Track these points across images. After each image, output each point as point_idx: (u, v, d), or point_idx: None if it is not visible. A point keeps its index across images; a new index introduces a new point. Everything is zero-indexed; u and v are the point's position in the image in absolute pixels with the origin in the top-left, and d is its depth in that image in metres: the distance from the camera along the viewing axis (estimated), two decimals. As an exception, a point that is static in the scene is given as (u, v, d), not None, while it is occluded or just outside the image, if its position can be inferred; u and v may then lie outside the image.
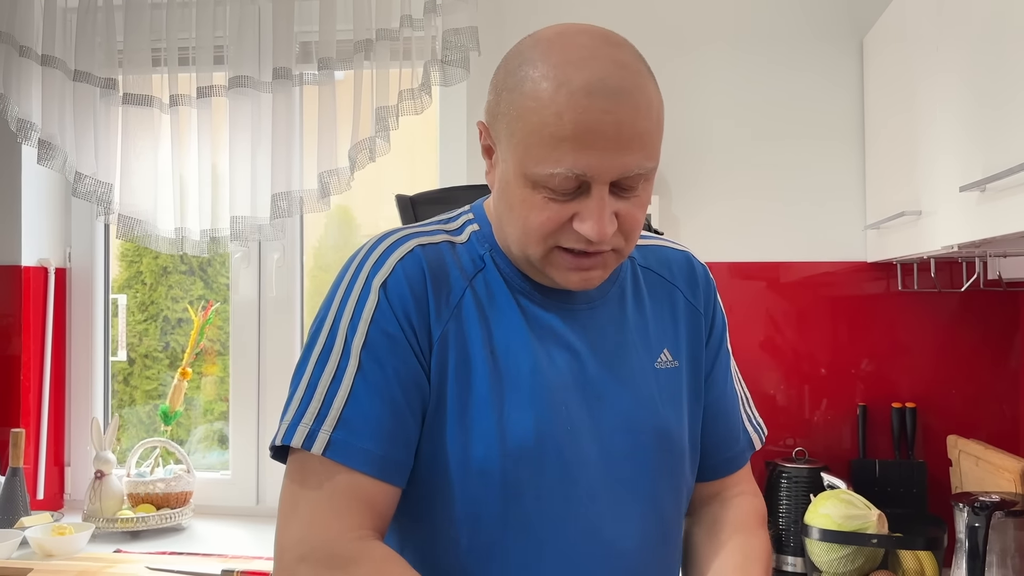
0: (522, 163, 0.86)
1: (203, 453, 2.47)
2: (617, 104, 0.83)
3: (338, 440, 0.86)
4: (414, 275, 0.91)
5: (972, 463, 1.76)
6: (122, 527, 2.11)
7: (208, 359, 2.48)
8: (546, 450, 0.91)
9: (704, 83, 2.09)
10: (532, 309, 0.95)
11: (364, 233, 2.51)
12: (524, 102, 0.85)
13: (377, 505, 0.87)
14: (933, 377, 1.99)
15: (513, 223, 0.91)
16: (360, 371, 0.88)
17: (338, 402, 0.87)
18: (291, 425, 0.88)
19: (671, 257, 1.08)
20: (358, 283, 0.92)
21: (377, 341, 0.89)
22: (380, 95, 2.08)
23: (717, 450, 1.08)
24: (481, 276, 0.95)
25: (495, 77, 0.92)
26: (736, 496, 1.09)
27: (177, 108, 2.18)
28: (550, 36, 0.89)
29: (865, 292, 2.03)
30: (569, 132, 0.83)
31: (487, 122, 0.93)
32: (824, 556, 1.64)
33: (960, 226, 1.37)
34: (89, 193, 2.17)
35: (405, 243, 0.94)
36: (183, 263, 2.49)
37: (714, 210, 2.08)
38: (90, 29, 2.18)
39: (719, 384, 1.08)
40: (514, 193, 0.89)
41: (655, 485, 0.97)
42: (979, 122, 1.28)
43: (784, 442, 2.02)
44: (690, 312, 1.06)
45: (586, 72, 0.83)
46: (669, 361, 1.02)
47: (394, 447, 0.88)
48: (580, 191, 0.86)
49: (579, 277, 0.91)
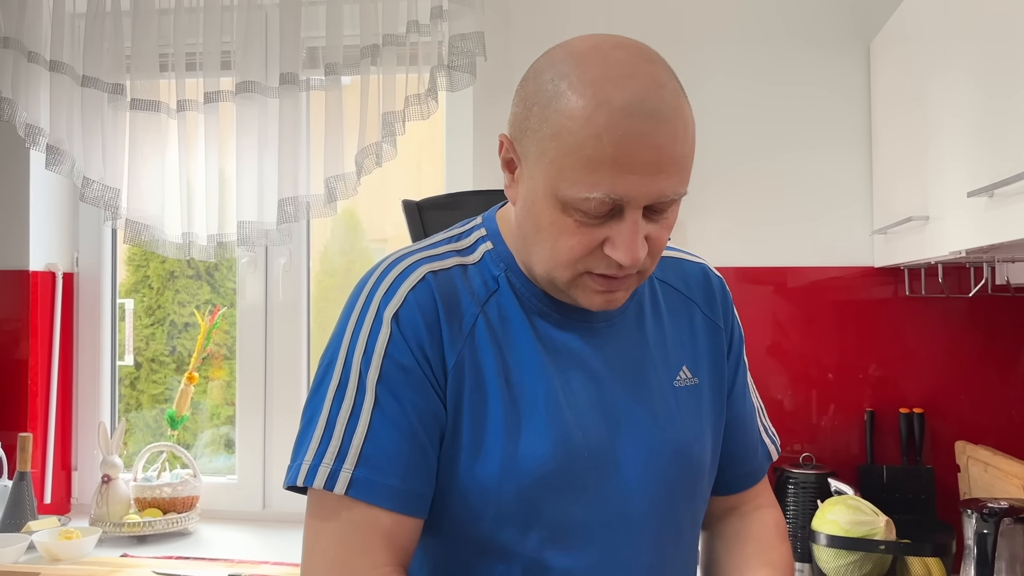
0: (554, 184, 0.83)
1: (210, 457, 2.47)
2: (656, 127, 0.80)
3: (360, 478, 0.85)
4: (426, 304, 0.89)
5: (980, 469, 1.75)
6: (129, 531, 2.11)
7: (215, 363, 2.49)
8: (563, 477, 0.89)
9: (711, 88, 2.09)
10: (548, 331, 0.93)
11: (371, 238, 2.51)
12: (559, 119, 0.81)
13: (400, 539, 0.87)
14: (941, 382, 1.98)
15: (540, 245, 0.88)
16: (377, 406, 0.87)
17: (357, 439, 0.86)
18: (312, 466, 0.86)
19: (688, 270, 1.07)
20: (369, 314, 0.90)
21: (392, 374, 0.87)
22: (387, 100, 2.08)
23: (738, 464, 1.07)
24: (494, 300, 0.93)
25: (523, 88, 0.88)
26: (756, 510, 1.08)
27: (184, 113, 2.18)
28: (584, 49, 0.84)
29: (872, 297, 2.02)
30: (608, 155, 0.79)
31: (512, 136, 0.89)
32: (831, 562, 1.64)
33: (968, 232, 1.36)
34: (97, 198, 2.18)
35: (416, 270, 0.92)
36: (190, 267, 2.50)
37: (721, 215, 2.08)
38: (98, 35, 2.19)
39: (739, 398, 1.07)
40: (542, 214, 0.86)
41: (675, 506, 0.96)
42: (987, 127, 1.28)
43: (791, 448, 2.02)
44: (709, 328, 1.04)
45: (626, 92, 0.80)
46: (689, 378, 1.00)
47: (416, 480, 0.87)
48: (612, 215, 0.83)
49: (603, 299, 0.89)
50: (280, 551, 2.01)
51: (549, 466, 0.89)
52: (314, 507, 0.88)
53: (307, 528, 0.88)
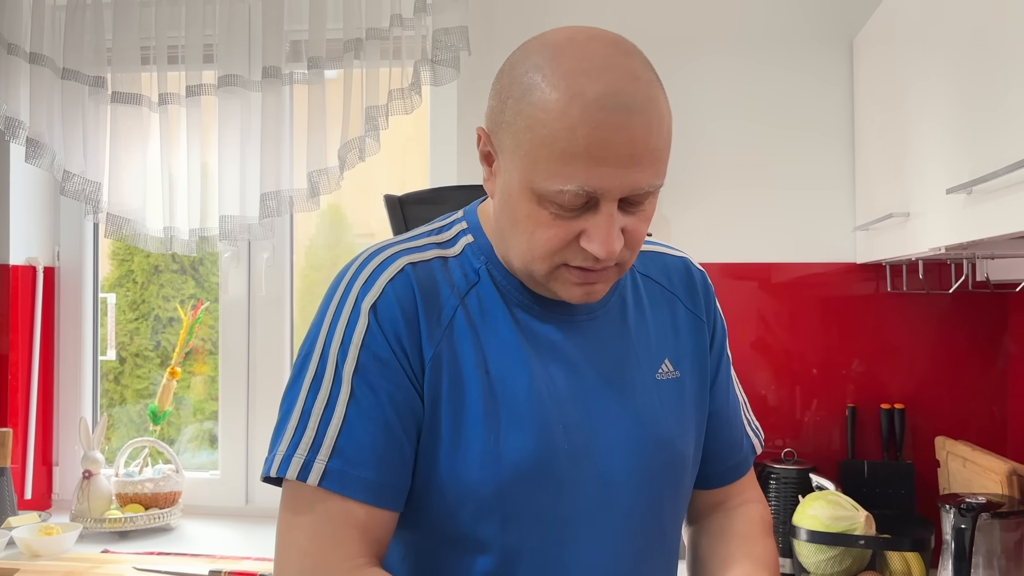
0: (529, 177, 0.83)
1: (193, 453, 2.46)
2: (631, 119, 0.80)
3: (333, 470, 0.85)
4: (404, 296, 0.89)
5: (959, 464, 1.76)
6: (110, 527, 2.10)
7: (198, 358, 2.48)
8: (544, 471, 0.89)
9: (694, 84, 2.09)
10: (529, 323, 0.93)
11: (355, 233, 2.50)
12: (533, 112, 0.81)
13: (374, 531, 0.86)
14: (921, 378, 1.99)
15: (517, 238, 0.88)
16: (353, 398, 0.86)
17: (332, 430, 0.85)
18: (286, 456, 0.86)
19: (670, 264, 1.07)
20: (347, 305, 0.90)
21: (369, 366, 0.87)
22: (370, 94, 2.07)
23: (722, 458, 1.07)
24: (474, 292, 0.93)
25: (498, 82, 0.88)
26: (741, 505, 1.08)
27: (166, 107, 2.17)
28: (559, 41, 0.84)
29: (855, 293, 2.03)
30: (582, 148, 0.79)
31: (488, 129, 0.89)
32: (812, 557, 1.65)
33: (947, 228, 1.37)
34: (77, 192, 2.16)
35: (395, 262, 0.91)
36: (174, 262, 2.49)
37: (704, 211, 2.08)
38: (78, 27, 2.17)
39: (722, 391, 1.07)
40: (518, 207, 0.86)
41: (658, 500, 0.96)
42: (966, 124, 1.29)
43: (774, 443, 2.02)
44: (692, 321, 1.04)
45: (600, 84, 0.80)
46: (671, 372, 1.00)
47: (390, 473, 0.87)
48: (588, 207, 0.83)
49: (583, 291, 0.89)
50: (263, 546, 2.00)
51: (530, 459, 0.88)
52: (288, 499, 0.88)
53: (281, 520, 0.88)
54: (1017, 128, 1.09)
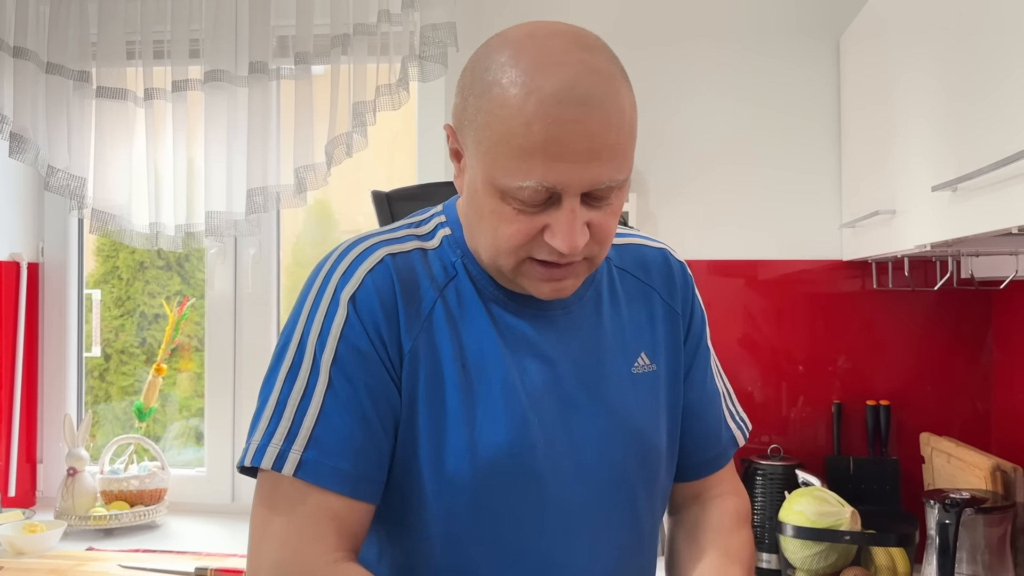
0: (491, 173, 0.83)
1: (179, 450, 2.45)
2: (588, 114, 0.80)
3: (309, 460, 0.84)
4: (384, 287, 0.89)
5: (944, 460, 1.77)
6: (95, 524, 2.09)
7: (185, 355, 2.46)
8: (519, 464, 0.89)
9: (682, 81, 2.09)
10: (505, 318, 0.93)
11: (343, 229, 2.50)
12: (492, 109, 0.82)
13: (351, 524, 0.86)
14: (907, 375, 2.00)
15: (483, 233, 0.88)
16: (330, 388, 0.86)
17: (308, 421, 0.85)
18: (261, 445, 0.85)
19: (648, 256, 1.06)
20: (326, 296, 0.89)
21: (347, 357, 0.87)
22: (357, 90, 2.06)
23: (699, 450, 1.07)
24: (452, 285, 0.93)
25: (462, 79, 0.89)
26: (717, 497, 1.08)
27: (152, 102, 2.15)
28: (519, 37, 0.85)
29: (841, 290, 2.04)
30: (539, 143, 0.79)
31: (454, 126, 0.90)
32: (798, 553, 1.65)
33: (932, 225, 1.37)
34: (62, 187, 2.14)
35: (374, 252, 0.91)
36: (160, 258, 2.47)
37: (692, 207, 2.09)
38: (63, 21, 2.15)
39: (698, 382, 1.07)
40: (483, 203, 0.86)
41: (632, 494, 0.97)
42: (951, 122, 1.29)
43: (760, 439, 2.03)
44: (667, 314, 1.04)
45: (556, 79, 0.80)
46: (647, 365, 1.00)
47: (366, 465, 0.86)
48: (550, 202, 0.83)
49: (551, 287, 0.89)
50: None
51: (504, 453, 0.89)
52: (263, 490, 0.87)
53: (255, 513, 0.87)
54: (1002, 126, 1.10)
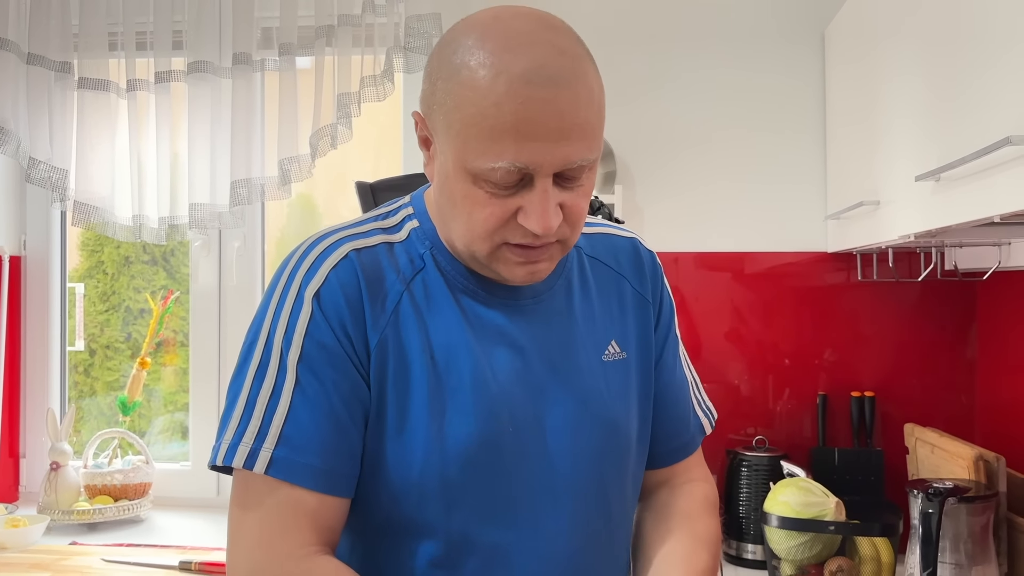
0: (462, 157, 0.83)
1: (164, 444, 2.43)
2: (557, 93, 0.80)
3: (280, 458, 0.84)
4: (348, 282, 0.89)
5: (928, 451, 1.78)
6: (78, 519, 2.07)
7: (169, 349, 2.45)
8: (489, 454, 0.89)
9: (668, 74, 2.09)
10: (474, 308, 0.93)
11: (327, 221, 2.48)
12: (461, 91, 0.82)
13: (325, 519, 0.86)
14: (891, 366, 2.01)
15: (456, 219, 0.88)
16: (298, 385, 0.86)
17: (278, 419, 0.85)
18: (232, 444, 0.86)
19: (618, 245, 1.06)
20: (291, 294, 0.89)
21: (313, 354, 0.87)
22: (342, 82, 2.05)
23: (668, 437, 1.07)
24: (420, 277, 0.93)
25: (429, 65, 0.89)
26: (686, 483, 1.08)
27: (135, 93, 2.14)
28: (485, 20, 0.85)
29: (826, 282, 2.04)
30: (509, 123, 0.80)
31: (423, 112, 0.90)
32: (783, 543, 1.66)
33: (916, 216, 1.38)
34: (44, 179, 2.12)
35: (338, 248, 0.91)
36: (145, 252, 2.45)
37: (677, 201, 2.09)
38: (44, 11, 2.13)
39: (668, 371, 1.07)
40: (455, 188, 0.86)
41: (603, 481, 0.97)
42: (934, 112, 1.30)
43: (745, 431, 2.04)
44: (638, 301, 1.04)
45: (525, 59, 0.80)
46: (617, 353, 1.00)
47: (338, 460, 0.86)
48: (523, 184, 0.84)
49: (526, 271, 0.89)
50: (234, 538, 1.98)
51: (474, 444, 0.89)
52: (238, 489, 0.88)
53: (231, 511, 0.88)
54: (983, 115, 1.10)
